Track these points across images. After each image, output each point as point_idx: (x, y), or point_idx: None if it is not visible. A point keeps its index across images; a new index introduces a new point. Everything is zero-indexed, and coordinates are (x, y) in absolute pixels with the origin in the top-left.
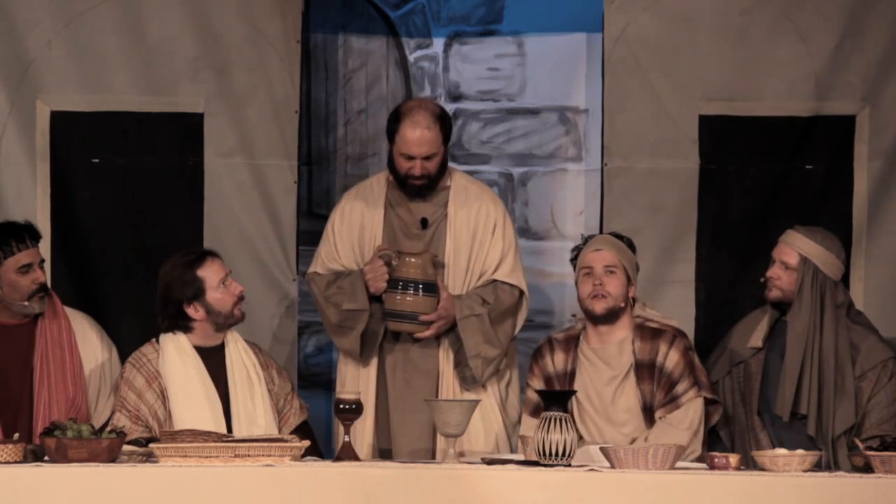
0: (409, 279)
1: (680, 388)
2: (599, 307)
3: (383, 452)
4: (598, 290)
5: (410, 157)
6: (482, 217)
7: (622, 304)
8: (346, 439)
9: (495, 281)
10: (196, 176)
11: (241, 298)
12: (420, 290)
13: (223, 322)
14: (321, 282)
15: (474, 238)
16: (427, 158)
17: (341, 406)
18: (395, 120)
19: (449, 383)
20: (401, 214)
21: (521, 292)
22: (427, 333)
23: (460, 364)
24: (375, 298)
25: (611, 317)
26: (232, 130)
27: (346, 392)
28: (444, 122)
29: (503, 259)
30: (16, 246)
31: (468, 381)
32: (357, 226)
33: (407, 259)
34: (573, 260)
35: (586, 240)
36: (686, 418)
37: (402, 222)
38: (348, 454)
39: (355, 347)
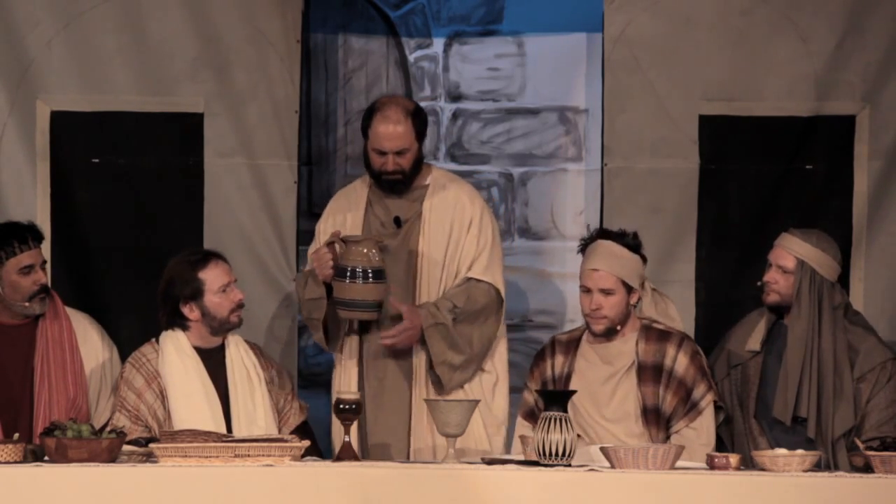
0: (354, 266)
1: (697, 393)
2: (597, 328)
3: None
4: (596, 312)
5: (382, 153)
6: (458, 214)
7: (619, 326)
8: (346, 439)
9: (470, 279)
10: (196, 176)
11: (239, 306)
12: (365, 277)
13: (218, 327)
14: (301, 280)
15: (450, 236)
16: (399, 154)
17: (341, 406)
18: (368, 116)
19: (422, 383)
20: (378, 213)
21: (498, 291)
22: (389, 343)
23: (433, 367)
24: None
25: (609, 333)
26: (232, 130)
27: (345, 392)
28: (418, 117)
29: (478, 256)
30: (18, 247)
31: (438, 384)
32: (340, 226)
33: (350, 246)
34: (581, 251)
35: (593, 235)
36: (703, 431)
37: (379, 221)
38: (348, 454)
39: (322, 337)
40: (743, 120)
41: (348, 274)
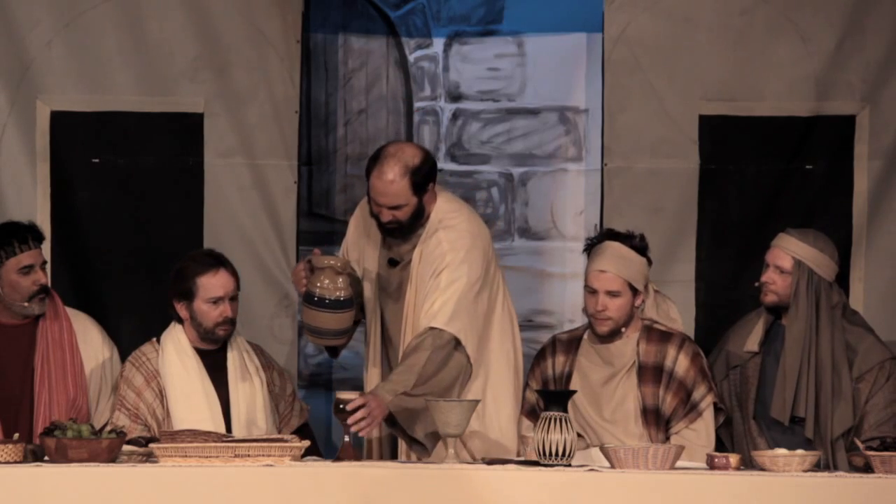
0: (318, 294)
1: (697, 395)
2: (602, 329)
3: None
4: (601, 314)
5: (378, 204)
6: (436, 260)
7: (623, 328)
8: (346, 439)
9: (433, 329)
10: (196, 176)
11: (227, 322)
12: (325, 306)
13: (204, 333)
14: None
15: (426, 286)
16: (394, 208)
17: (341, 406)
18: (372, 160)
19: None
20: (386, 246)
21: (457, 340)
22: (356, 430)
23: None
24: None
25: (614, 335)
26: (232, 130)
27: (345, 392)
28: (419, 172)
29: (441, 305)
30: (18, 247)
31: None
32: (364, 237)
33: (315, 270)
34: (586, 251)
35: (600, 236)
36: (702, 432)
37: (386, 254)
38: (348, 454)
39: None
40: (743, 120)
41: (314, 300)
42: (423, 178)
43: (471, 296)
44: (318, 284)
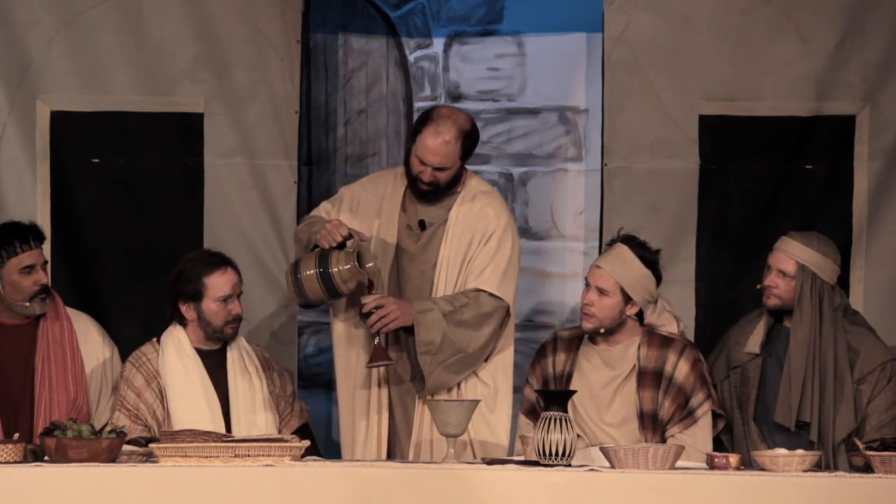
0: (328, 266)
1: (695, 401)
2: (584, 324)
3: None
4: (586, 308)
5: (423, 163)
6: (480, 226)
7: (602, 329)
8: (376, 341)
9: (480, 290)
10: (196, 176)
11: (235, 320)
12: (325, 282)
13: (212, 333)
14: (302, 223)
15: (469, 246)
16: (439, 169)
17: (361, 309)
18: (423, 121)
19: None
20: (408, 214)
21: (507, 308)
22: (376, 328)
23: (416, 377)
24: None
25: (595, 335)
26: (232, 130)
27: (366, 296)
28: (469, 139)
29: (493, 269)
30: (19, 247)
31: (420, 383)
32: (370, 210)
33: (347, 252)
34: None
35: (618, 238)
36: (697, 438)
37: (407, 220)
38: (378, 356)
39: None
40: (743, 120)
41: (323, 271)
42: (472, 144)
43: (515, 266)
44: (338, 265)
